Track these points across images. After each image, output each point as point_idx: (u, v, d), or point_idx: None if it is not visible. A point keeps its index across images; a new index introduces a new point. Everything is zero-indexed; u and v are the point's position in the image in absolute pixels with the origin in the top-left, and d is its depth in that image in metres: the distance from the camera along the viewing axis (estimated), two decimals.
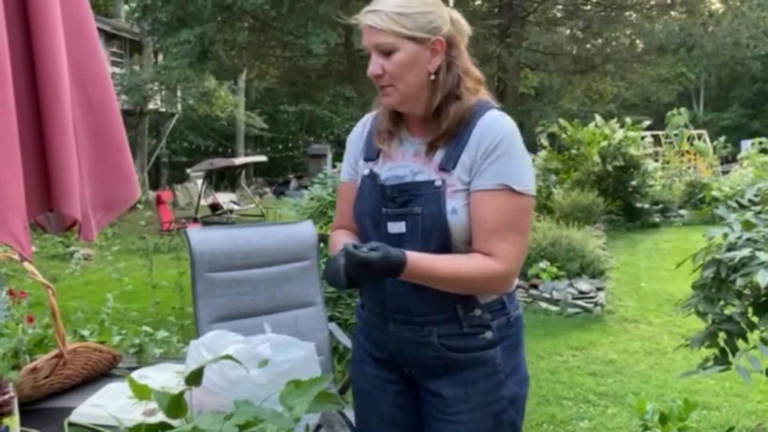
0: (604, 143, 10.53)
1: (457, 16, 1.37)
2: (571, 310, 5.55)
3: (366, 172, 1.42)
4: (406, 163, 1.38)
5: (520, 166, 1.31)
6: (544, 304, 5.72)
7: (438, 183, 1.31)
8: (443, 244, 1.31)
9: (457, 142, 1.33)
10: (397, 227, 1.34)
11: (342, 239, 1.44)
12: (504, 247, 1.29)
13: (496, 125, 1.32)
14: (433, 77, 1.32)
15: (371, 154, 1.43)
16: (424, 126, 1.37)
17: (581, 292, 5.75)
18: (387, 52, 1.29)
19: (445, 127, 1.32)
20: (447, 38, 1.32)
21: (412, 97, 1.33)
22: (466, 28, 1.38)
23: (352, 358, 1.58)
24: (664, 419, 2.17)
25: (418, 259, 1.25)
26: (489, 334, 1.37)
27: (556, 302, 5.67)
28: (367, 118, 1.51)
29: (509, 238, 1.29)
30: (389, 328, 1.41)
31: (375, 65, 1.30)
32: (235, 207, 13.57)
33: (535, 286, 5.92)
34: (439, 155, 1.34)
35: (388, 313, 1.40)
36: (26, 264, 1.37)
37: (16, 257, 1.41)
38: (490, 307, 1.37)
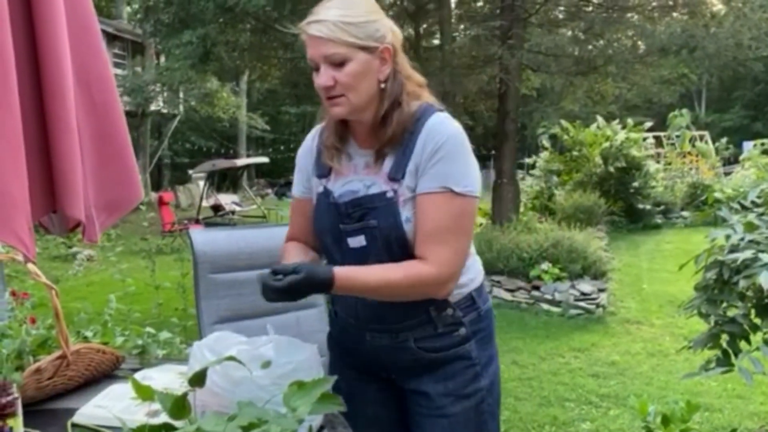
0: (606, 144, 10.54)
1: (392, 23, 1.36)
2: (572, 311, 5.55)
3: (320, 189, 1.41)
4: (359, 176, 1.37)
5: (463, 167, 1.30)
6: (545, 306, 5.72)
7: (390, 194, 1.31)
8: (405, 253, 1.31)
9: (404, 150, 1.32)
10: (357, 242, 1.34)
11: (292, 253, 1.46)
12: (439, 252, 1.28)
13: (439, 129, 1.31)
14: (383, 86, 1.31)
15: (323, 171, 1.42)
16: (372, 136, 1.35)
17: (583, 294, 5.75)
18: (338, 63, 1.26)
19: (390, 135, 1.31)
20: (392, 45, 1.31)
21: (362, 107, 1.31)
22: (400, 34, 1.37)
23: (329, 362, 1.58)
24: (666, 421, 2.17)
25: (347, 272, 1.26)
26: (462, 330, 1.40)
27: (557, 303, 5.67)
28: (315, 133, 1.48)
29: (446, 242, 1.28)
30: (365, 337, 1.42)
31: (325, 77, 1.26)
32: (237, 208, 13.58)
33: (536, 288, 5.92)
34: (387, 164, 1.33)
35: (362, 323, 1.41)
36: (30, 265, 1.37)
37: (20, 258, 1.41)
38: (461, 305, 1.40)
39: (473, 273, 1.45)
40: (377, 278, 1.28)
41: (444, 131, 1.30)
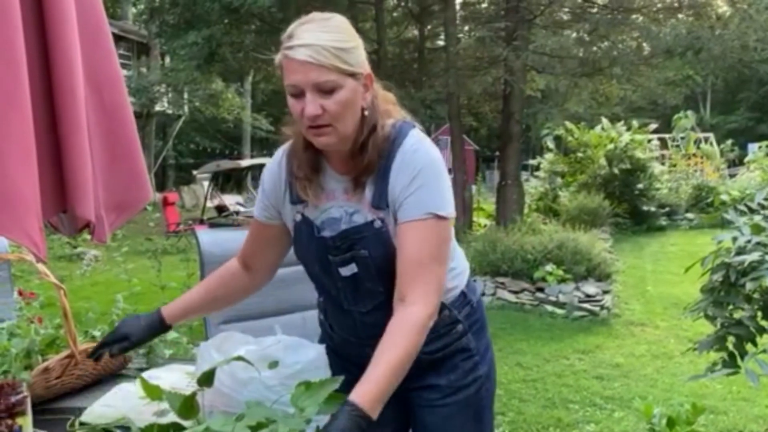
0: (611, 146, 10.54)
1: None
2: (577, 313, 5.54)
3: (298, 218, 1.35)
4: (338, 202, 1.31)
5: (443, 191, 1.26)
6: (550, 307, 5.71)
7: (378, 224, 1.27)
8: None
9: (382, 175, 1.27)
10: (348, 270, 1.31)
11: (210, 283, 1.54)
12: (426, 289, 1.22)
13: (415, 154, 1.25)
14: (366, 113, 1.25)
15: (298, 198, 1.34)
16: (349, 161, 1.28)
17: (587, 296, 5.74)
18: (328, 91, 1.17)
19: (366, 162, 1.26)
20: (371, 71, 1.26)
21: (348, 137, 1.23)
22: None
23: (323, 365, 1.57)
24: (671, 423, 2.17)
25: (370, 394, 1.12)
26: (460, 327, 1.41)
27: (562, 305, 5.66)
28: (280, 157, 1.39)
29: (431, 272, 1.23)
30: (366, 351, 1.33)
31: (313, 105, 1.16)
32: (241, 209, 13.60)
33: (541, 289, 5.91)
34: (369, 192, 1.28)
35: (363, 340, 1.37)
36: (39, 265, 1.38)
37: (30, 258, 1.42)
38: (455, 304, 1.40)
39: (460, 269, 1.44)
40: (394, 371, 1.17)
41: (420, 157, 1.25)
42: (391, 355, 1.17)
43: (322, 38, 1.17)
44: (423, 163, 1.25)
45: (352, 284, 1.33)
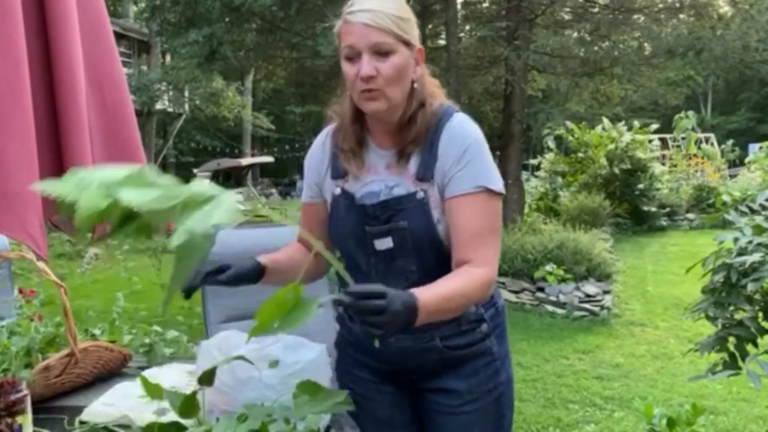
0: (612, 146, 10.52)
1: None
2: (577, 313, 5.54)
3: (337, 191, 1.39)
4: (379, 177, 1.35)
5: (491, 167, 1.32)
6: (550, 307, 5.71)
7: (420, 195, 1.30)
8: (436, 254, 1.31)
9: (428, 150, 1.31)
10: (384, 243, 1.33)
11: (289, 252, 1.50)
12: (485, 253, 1.27)
13: (464, 130, 1.32)
14: (415, 86, 1.32)
15: (339, 173, 1.39)
16: (395, 135, 1.34)
17: (588, 296, 5.74)
18: (384, 53, 1.24)
19: (414, 134, 1.31)
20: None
21: (397, 105, 1.29)
22: None
23: (337, 366, 1.56)
24: (671, 424, 2.17)
25: (429, 296, 1.15)
26: (484, 327, 1.41)
27: (562, 305, 5.66)
28: (325, 135, 1.45)
29: (489, 242, 1.28)
30: (390, 340, 1.39)
31: (369, 66, 1.23)
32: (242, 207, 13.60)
33: (541, 289, 5.91)
34: (413, 165, 1.33)
35: None
36: (39, 263, 1.38)
37: (30, 256, 1.42)
38: (481, 301, 1.40)
39: None
40: (453, 295, 1.22)
41: (468, 134, 1.31)
42: (452, 284, 1.22)
43: (382, 5, 1.25)
44: (472, 138, 1.31)
45: (385, 261, 1.33)
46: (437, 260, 1.31)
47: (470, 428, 1.42)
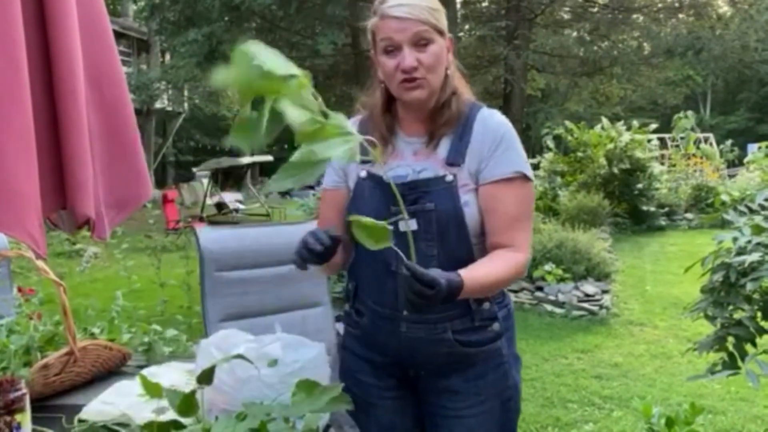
0: (611, 146, 10.51)
1: None
2: (576, 312, 5.54)
3: (363, 174, 1.41)
4: (406, 162, 1.39)
5: (524, 155, 1.38)
6: (549, 307, 5.71)
7: (449, 178, 1.33)
8: (460, 238, 1.33)
9: (460, 136, 1.36)
10: (408, 225, 1.34)
11: None
12: (522, 238, 1.34)
13: (497, 120, 1.38)
14: (448, 72, 1.36)
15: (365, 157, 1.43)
16: (426, 123, 1.39)
17: (587, 295, 5.74)
18: (424, 44, 1.30)
19: (447, 118, 1.36)
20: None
21: (436, 92, 1.34)
22: None
23: (341, 369, 1.56)
24: (670, 423, 2.17)
25: (470, 273, 1.21)
26: (496, 326, 1.41)
27: (561, 305, 5.66)
28: (353, 123, 1.47)
29: (525, 227, 1.36)
30: (400, 329, 1.39)
31: (411, 57, 1.29)
32: (241, 206, 13.60)
33: (540, 288, 5.91)
34: (443, 150, 1.36)
35: (399, 313, 1.38)
36: (38, 262, 1.37)
37: (29, 254, 1.42)
38: (496, 299, 1.41)
39: None
40: (493, 275, 1.28)
41: (502, 123, 1.37)
42: (495, 266, 1.29)
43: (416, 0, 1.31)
44: (507, 128, 1.37)
45: (407, 243, 1.33)
46: (459, 245, 1.33)
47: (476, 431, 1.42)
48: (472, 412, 1.41)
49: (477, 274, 1.24)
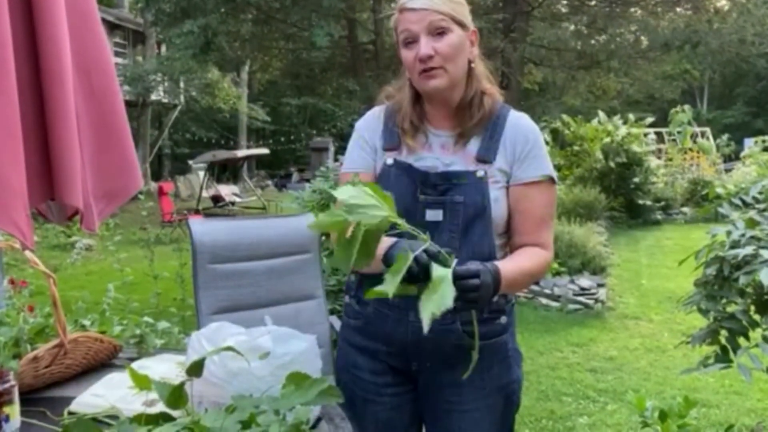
0: (607, 140, 10.52)
1: None
2: (571, 306, 5.55)
3: (389, 161, 1.42)
4: (434, 155, 1.40)
5: (549, 159, 1.41)
6: (544, 300, 5.72)
7: (480, 173, 1.35)
8: (483, 233, 1.35)
9: (491, 134, 1.38)
10: (434, 215, 1.36)
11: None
12: (548, 237, 1.39)
13: (528, 123, 1.41)
14: (472, 65, 1.38)
15: (392, 145, 1.43)
16: (452, 118, 1.40)
17: (582, 289, 5.75)
18: (440, 33, 1.30)
19: (478, 118, 1.37)
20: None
21: (456, 82, 1.35)
22: None
23: (338, 365, 1.55)
24: (663, 416, 2.17)
25: (506, 269, 1.24)
26: (503, 319, 1.43)
27: (556, 298, 5.67)
28: (379, 112, 1.49)
29: (551, 227, 1.40)
30: (408, 318, 1.37)
31: (427, 46, 1.30)
32: (237, 199, 13.58)
33: (535, 282, 5.92)
34: (474, 146, 1.38)
35: (409, 302, 1.36)
36: (28, 253, 1.36)
37: (18, 246, 1.40)
38: (502, 293, 1.40)
39: None
40: (527, 269, 1.32)
41: (532, 126, 1.41)
42: (528, 262, 1.33)
43: None
44: (537, 132, 1.41)
45: (431, 233, 1.30)
46: (481, 241, 1.35)
47: (478, 425, 1.42)
48: (475, 405, 1.41)
49: (510, 265, 1.27)
